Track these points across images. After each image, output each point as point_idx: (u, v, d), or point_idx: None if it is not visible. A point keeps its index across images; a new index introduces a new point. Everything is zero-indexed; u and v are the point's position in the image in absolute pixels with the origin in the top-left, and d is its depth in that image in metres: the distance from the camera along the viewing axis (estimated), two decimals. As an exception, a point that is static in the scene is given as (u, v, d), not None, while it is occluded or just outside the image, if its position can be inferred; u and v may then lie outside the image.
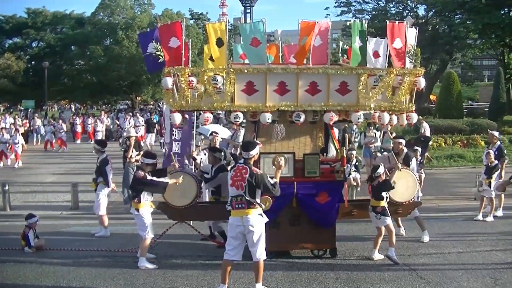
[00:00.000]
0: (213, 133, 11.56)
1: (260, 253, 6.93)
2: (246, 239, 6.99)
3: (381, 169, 8.56)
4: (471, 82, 58.76)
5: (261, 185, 6.87)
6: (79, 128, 30.93)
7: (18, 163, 20.87)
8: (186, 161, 11.42)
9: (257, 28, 8.21)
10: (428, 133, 9.47)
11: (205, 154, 10.90)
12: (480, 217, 11.38)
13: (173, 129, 11.24)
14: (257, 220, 6.88)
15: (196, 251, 9.21)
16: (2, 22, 52.33)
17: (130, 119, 28.55)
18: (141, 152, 12.72)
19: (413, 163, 9.69)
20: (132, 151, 12.71)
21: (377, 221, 8.54)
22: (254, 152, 7.09)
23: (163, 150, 14.30)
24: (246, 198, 6.83)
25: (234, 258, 6.99)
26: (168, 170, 8.67)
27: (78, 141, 30.08)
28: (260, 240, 6.92)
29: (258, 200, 6.93)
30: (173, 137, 11.38)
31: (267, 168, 8.23)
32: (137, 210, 8.33)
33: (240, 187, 6.86)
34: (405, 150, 9.72)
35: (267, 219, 7.10)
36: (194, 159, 10.42)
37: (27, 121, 32.98)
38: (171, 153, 10.85)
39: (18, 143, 21.44)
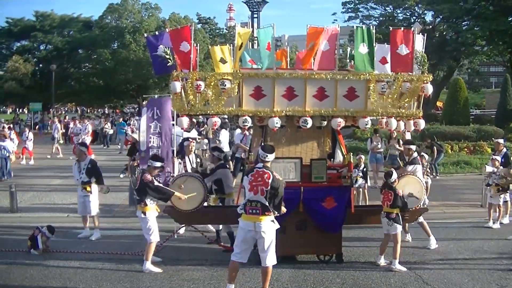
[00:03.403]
0: (189, 139, 10.80)
1: (270, 259, 6.90)
2: (255, 243, 6.98)
3: (395, 175, 8.49)
4: (478, 89, 58.64)
5: (279, 192, 6.80)
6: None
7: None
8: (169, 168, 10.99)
9: (268, 33, 8.33)
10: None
11: (180, 164, 10.35)
12: (490, 224, 11.36)
13: (150, 135, 10.42)
14: (269, 226, 6.82)
15: (202, 255, 9.21)
16: (11, 25, 52.54)
17: (78, 124, 26.24)
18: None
19: (415, 166, 9.47)
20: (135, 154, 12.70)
21: (389, 227, 8.43)
22: (273, 157, 7.08)
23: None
24: (264, 204, 6.74)
25: (241, 260, 7.00)
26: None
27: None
28: (271, 246, 6.88)
29: (272, 207, 6.82)
30: (150, 145, 10.41)
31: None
32: (144, 213, 8.34)
33: (260, 192, 6.74)
34: (415, 155, 9.66)
35: (279, 226, 7.05)
36: None
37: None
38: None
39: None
